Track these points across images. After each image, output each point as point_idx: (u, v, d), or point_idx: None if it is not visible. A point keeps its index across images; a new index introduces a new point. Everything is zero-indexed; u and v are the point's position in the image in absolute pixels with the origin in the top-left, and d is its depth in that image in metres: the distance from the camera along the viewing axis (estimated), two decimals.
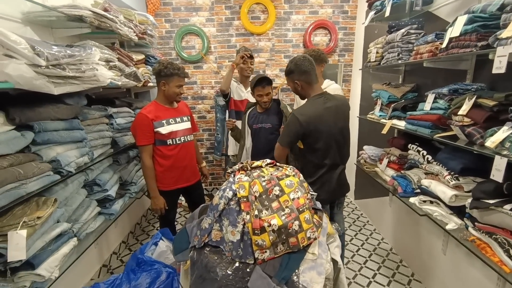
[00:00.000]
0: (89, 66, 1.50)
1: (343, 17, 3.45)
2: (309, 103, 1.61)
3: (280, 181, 1.14)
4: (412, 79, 2.19)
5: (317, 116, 1.54)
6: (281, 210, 1.06)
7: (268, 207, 1.07)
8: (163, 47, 3.45)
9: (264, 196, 1.10)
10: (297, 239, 1.02)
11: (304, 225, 1.05)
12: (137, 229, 2.91)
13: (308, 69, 1.58)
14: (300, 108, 1.61)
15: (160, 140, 1.88)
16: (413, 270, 2.23)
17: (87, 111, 1.74)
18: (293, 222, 1.03)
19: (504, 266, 1.12)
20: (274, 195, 1.10)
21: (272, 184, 1.12)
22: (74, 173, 1.47)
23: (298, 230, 1.03)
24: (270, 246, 1.02)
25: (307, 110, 1.57)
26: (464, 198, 1.39)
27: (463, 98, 1.36)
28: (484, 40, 1.17)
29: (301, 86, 1.62)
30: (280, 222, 1.01)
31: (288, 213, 1.04)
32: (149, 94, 3.13)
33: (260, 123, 2.06)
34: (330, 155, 1.61)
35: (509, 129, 1.07)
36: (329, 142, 1.58)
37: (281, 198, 1.09)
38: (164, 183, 1.95)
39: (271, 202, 1.08)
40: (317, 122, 1.53)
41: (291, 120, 1.57)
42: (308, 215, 1.08)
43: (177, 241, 1.29)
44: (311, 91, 1.63)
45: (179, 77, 1.85)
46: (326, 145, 1.58)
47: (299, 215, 1.05)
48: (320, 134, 1.55)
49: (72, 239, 1.47)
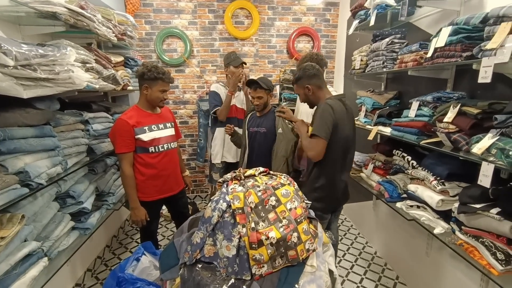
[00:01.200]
0: (64, 67, 1.37)
1: (325, 25, 3.53)
2: (333, 100, 1.54)
3: (276, 191, 1.09)
4: (394, 87, 2.27)
5: (340, 113, 1.51)
6: (279, 221, 1.01)
7: (264, 219, 1.02)
8: (143, 49, 3.31)
9: (260, 207, 1.04)
10: (296, 251, 0.98)
11: (303, 236, 1.01)
12: (114, 242, 2.71)
13: (317, 73, 1.59)
14: (330, 101, 1.52)
15: (142, 148, 1.76)
16: (397, 273, 2.27)
17: (61, 116, 1.58)
18: (292, 234, 0.98)
19: (492, 269, 1.16)
20: (271, 205, 1.05)
21: (268, 194, 1.07)
22: (45, 185, 1.32)
23: (297, 242, 0.99)
24: (268, 260, 0.96)
25: (336, 105, 1.50)
26: (450, 202, 1.43)
27: (447, 106, 1.41)
28: (469, 51, 1.23)
29: (312, 91, 1.59)
30: (279, 234, 0.97)
31: (286, 225, 1.00)
32: (128, 98, 2.96)
33: (256, 127, 2.10)
34: (341, 156, 1.58)
35: (494, 136, 1.12)
36: (344, 143, 1.56)
37: (277, 208, 1.04)
38: (145, 193, 1.83)
39: (268, 213, 1.03)
40: (340, 118, 1.49)
41: (324, 108, 1.47)
42: (306, 226, 1.04)
43: (164, 257, 1.20)
44: (322, 94, 1.61)
45: (164, 82, 1.76)
46: (342, 145, 1.55)
47: (297, 226, 1.01)
48: (339, 131, 1.50)
49: (42, 259, 1.31)
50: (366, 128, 2.16)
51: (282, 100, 3.43)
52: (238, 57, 2.47)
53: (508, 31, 1.02)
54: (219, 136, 2.53)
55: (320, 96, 1.60)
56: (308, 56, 2.11)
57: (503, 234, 1.15)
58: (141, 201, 1.79)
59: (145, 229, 1.91)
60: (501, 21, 1.07)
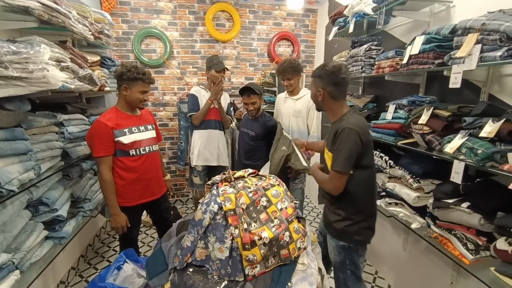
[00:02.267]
0: (38, 65, 1.28)
1: (304, 30, 3.63)
2: (352, 116, 1.31)
3: (266, 191, 1.11)
4: (371, 91, 2.39)
5: (367, 130, 1.29)
6: (270, 221, 1.03)
7: (256, 219, 1.03)
8: (120, 48, 3.18)
9: (252, 208, 1.05)
10: (288, 250, 1.00)
11: (294, 235, 1.03)
12: (89, 251, 2.56)
13: (340, 81, 1.30)
14: (353, 121, 1.26)
15: (122, 151, 1.69)
16: (376, 268, 2.38)
17: (33, 118, 1.47)
18: (284, 233, 1.00)
19: (464, 258, 1.26)
20: (262, 206, 1.06)
21: (259, 195, 1.08)
22: (17, 192, 1.22)
23: (289, 241, 1.01)
24: (261, 260, 0.97)
25: (359, 121, 1.27)
26: (425, 198, 1.53)
27: (421, 109, 1.52)
28: (440, 58, 1.33)
29: (323, 98, 1.34)
30: (271, 234, 0.98)
31: (278, 224, 1.02)
32: (103, 99, 2.83)
33: (247, 128, 2.19)
34: (373, 178, 1.39)
35: (463, 136, 1.22)
36: (373, 162, 1.37)
37: (269, 209, 1.06)
38: (126, 198, 1.75)
39: (259, 214, 1.04)
40: (369, 137, 1.29)
41: (349, 135, 1.21)
42: (296, 225, 1.07)
43: (152, 263, 1.16)
44: (336, 107, 1.35)
45: (144, 83, 1.70)
46: (373, 165, 1.36)
47: (288, 225, 1.03)
48: (371, 150, 1.32)
49: (13, 272, 1.20)
50: None
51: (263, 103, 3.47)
52: (221, 61, 2.43)
53: (474, 41, 1.13)
54: (199, 139, 2.49)
55: (331, 107, 1.35)
56: (287, 61, 2.13)
57: (473, 226, 1.26)
58: (121, 206, 1.72)
59: (125, 236, 1.83)
60: (468, 33, 1.18)
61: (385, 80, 1.92)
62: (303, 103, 2.21)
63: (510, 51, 1.02)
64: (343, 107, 1.35)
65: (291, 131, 2.23)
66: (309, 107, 2.19)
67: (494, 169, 1.09)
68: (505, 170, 1.04)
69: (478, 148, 1.11)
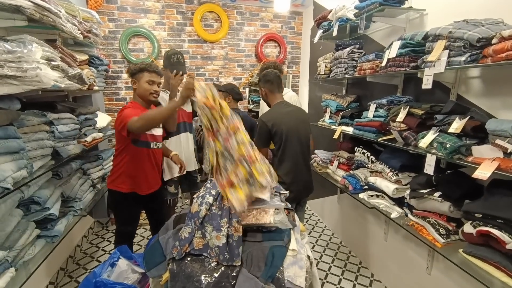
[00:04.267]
0: (31, 64, 1.30)
1: (290, 32, 3.75)
2: (272, 108, 1.88)
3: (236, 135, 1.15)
4: (354, 91, 2.53)
5: (279, 118, 1.77)
6: (244, 160, 1.10)
7: (231, 159, 1.11)
8: (106, 47, 3.16)
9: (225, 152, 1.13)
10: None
11: (255, 172, 1.11)
12: (78, 252, 2.53)
13: (271, 79, 1.85)
14: (265, 114, 1.84)
15: (143, 142, 1.73)
16: (360, 259, 2.52)
17: (24, 117, 1.48)
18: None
19: (437, 242, 1.39)
20: (233, 147, 1.12)
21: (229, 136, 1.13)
22: (12, 190, 1.23)
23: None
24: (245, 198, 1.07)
25: (271, 114, 1.82)
26: (403, 190, 1.67)
27: (398, 108, 1.65)
28: (414, 62, 1.47)
29: (265, 93, 1.89)
30: (245, 171, 1.09)
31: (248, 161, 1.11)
32: (90, 98, 2.80)
33: None
34: (294, 151, 1.79)
35: (435, 132, 1.36)
36: (292, 140, 1.78)
37: (238, 150, 1.12)
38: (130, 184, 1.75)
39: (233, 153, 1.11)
40: (279, 122, 1.76)
41: (259, 125, 1.80)
42: (259, 166, 1.14)
43: (149, 255, 1.20)
44: (274, 99, 1.88)
45: (149, 72, 1.72)
46: (290, 142, 1.78)
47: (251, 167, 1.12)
48: (283, 132, 1.76)
49: (8, 269, 1.21)
50: (331, 128, 2.37)
51: (250, 103, 3.56)
52: (179, 62, 1.99)
53: (443, 47, 1.26)
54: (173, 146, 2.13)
55: (271, 99, 1.89)
56: (264, 65, 2.47)
57: (444, 213, 1.40)
58: (123, 192, 1.74)
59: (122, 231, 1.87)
60: (437, 39, 1.31)
61: (367, 81, 2.06)
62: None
63: (472, 56, 1.15)
64: (276, 99, 1.88)
65: None
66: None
67: (460, 161, 1.23)
68: (469, 162, 1.18)
69: (447, 143, 1.25)
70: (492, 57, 1.09)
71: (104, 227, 3.02)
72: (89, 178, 2.23)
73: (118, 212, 1.88)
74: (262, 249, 1.10)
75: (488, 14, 1.27)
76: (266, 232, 1.16)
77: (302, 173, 1.85)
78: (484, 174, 1.06)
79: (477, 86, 1.44)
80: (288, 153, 1.79)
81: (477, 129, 1.21)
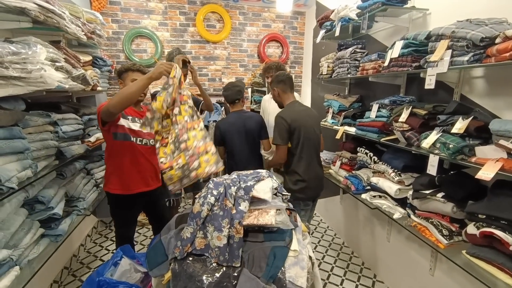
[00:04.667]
0: (36, 66, 1.31)
1: (293, 32, 3.74)
2: (287, 107, 1.90)
3: (188, 132, 1.37)
4: (356, 91, 2.52)
5: (296, 116, 1.82)
6: (186, 150, 1.32)
7: (178, 147, 1.33)
8: (110, 48, 3.18)
9: (176, 139, 1.34)
10: (196, 174, 1.33)
11: (203, 164, 1.34)
12: (82, 251, 2.56)
13: (284, 80, 1.89)
14: (283, 112, 1.86)
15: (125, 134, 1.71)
16: (363, 260, 2.51)
17: (29, 118, 1.50)
18: (193, 162, 1.31)
19: (440, 243, 1.38)
20: (183, 140, 1.33)
21: (183, 131, 1.35)
22: (17, 189, 1.25)
23: (197, 167, 1.33)
24: (177, 180, 1.31)
25: (288, 111, 1.84)
26: (406, 191, 1.66)
27: (401, 108, 1.64)
28: (417, 62, 1.46)
29: (278, 93, 1.91)
30: (184, 161, 1.30)
31: (190, 155, 1.31)
32: (94, 99, 2.82)
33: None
34: (311, 148, 1.85)
35: (438, 133, 1.35)
36: (309, 137, 1.84)
37: (187, 142, 1.34)
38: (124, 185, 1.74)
39: (181, 144, 1.33)
40: (297, 120, 1.80)
41: (278, 121, 1.81)
42: (207, 157, 1.37)
43: (152, 255, 1.21)
44: (287, 98, 1.91)
45: (132, 71, 1.76)
46: (307, 140, 1.83)
47: (199, 157, 1.34)
48: (301, 129, 1.80)
49: (13, 268, 1.23)
50: (333, 128, 2.37)
51: (252, 103, 3.56)
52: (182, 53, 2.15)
53: (445, 47, 1.25)
54: None
55: (284, 99, 1.92)
56: (267, 65, 2.50)
57: (447, 214, 1.39)
58: (121, 194, 1.74)
59: (122, 235, 1.87)
60: (440, 39, 1.30)
61: (369, 81, 2.05)
62: None
63: (475, 56, 1.14)
64: (289, 99, 1.91)
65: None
66: None
67: (464, 161, 1.22)
68: (473, 162, 1.17)
69: (450, 143, 1.24)
70: (496, 56, 1.08)
71: (108, 226, 3.04)
72: (92, 178, 2.25)
73: (113, 215, 1.86)
74: (263, 249, 1.10)
75: (492, 14, 1.26)
76: (267, 232, 1.16)
77: (317, 169, 1.92)
78: (487, 174, 1.05)
79: (480, 86, 1.43)
80: (307, 150, 1.83)
81: (481, 130, 1.19)
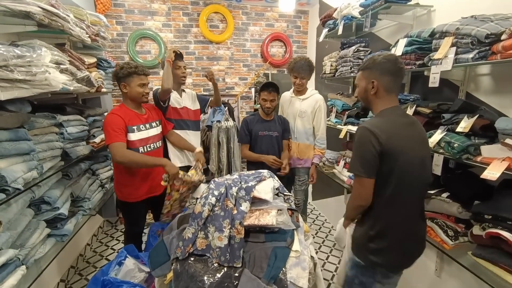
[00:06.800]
0: (40, 68, 1.33)
1: (296, 31, 3.73)
2: (380, 115, 1.14)
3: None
4: None
5: (395, 133, 1.06)
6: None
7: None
8: (114, 50, 3.22)
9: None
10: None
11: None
12: (88, 251, 2.60)
13: (394, 72, 1.11)
14: (372, 121, 1.11)
15: (130, 148, 1.74)
16: None
17: (34, 119, 1.52)
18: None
19: (445, 244, 1.36)
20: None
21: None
22: (22, 190, 1.27)
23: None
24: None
25: (382, 123, 1.08)
26: None
27: (405, 107, 1.62)
28: (421, 60, 1.44)
29: (377, 89, 1.12)
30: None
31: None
32: (99, 100, 2.86)
33: (267, 131, 2.13)
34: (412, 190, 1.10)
35: (442, 131, 1.33)
36: (413, 170, 1.08)
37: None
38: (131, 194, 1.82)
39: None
40: (395, 140, 1.05)
41: (362, 135, 1.07)
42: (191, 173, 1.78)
43: (154, 255, 1.22)
44: (385, 102, 1.14)
45: (138, 75, 1.78)
46: (408, 174, 1.07)
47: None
48: (398, 156, 1.05)
49: (19, 267, 1.25)
50: (337, 127, 2.35)
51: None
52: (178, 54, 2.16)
53: (450, 44, 1.23)
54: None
55: (380, 101, 1.15)
56: (303, 59, 2.15)
57: (452, 214, 1.37)
58: (127, 202, 1.80)
59: (131, 231, 1.92)
60: (444, 36, 1.28)
61: None
62: (309, 103, 2.16)
63: (480, 53, 1.12)
64: (388, 103, 1.14)
65: (296, 131, 2.22)
66: (316, 108, 2.15)
67: (469, 161, 1.19)
68: (478, 162, 1.14)
69: (455, 142, 1.22)
70: (502, 53, 1.06)
71: (113, 226, 3.08)
72: (97, 179, 2.27)
73: (124, 214, 1.96)
74: (264, 249, 1.10)
75: (498, 10, 1.23)
76: (269, 233, 1.16)
77: (417, 225, 1.17)
78: (493, 174, 1.02)
79: (486, 83, 1.40)
80: (405, 192, 1.08)
81: (486, 128, 1.17)
